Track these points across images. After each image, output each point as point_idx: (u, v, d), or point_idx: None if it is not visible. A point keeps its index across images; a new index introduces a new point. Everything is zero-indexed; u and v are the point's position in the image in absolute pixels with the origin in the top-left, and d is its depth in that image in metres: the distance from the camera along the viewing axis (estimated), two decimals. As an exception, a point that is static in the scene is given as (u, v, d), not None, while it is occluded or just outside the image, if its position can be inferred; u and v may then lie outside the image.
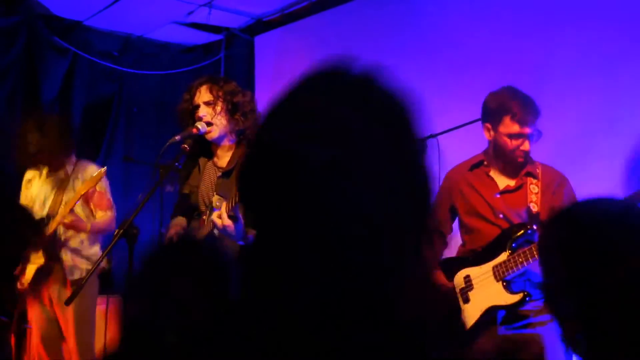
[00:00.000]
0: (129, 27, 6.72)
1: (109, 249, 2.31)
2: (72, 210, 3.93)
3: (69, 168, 4.23)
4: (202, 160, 3.14)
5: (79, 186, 4.07)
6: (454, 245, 3.53)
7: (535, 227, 2.96)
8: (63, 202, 4.07)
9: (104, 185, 4.20)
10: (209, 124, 2.93)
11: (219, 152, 3.06)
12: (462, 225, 3.29)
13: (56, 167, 4.19)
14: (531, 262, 2.87)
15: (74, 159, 4.29)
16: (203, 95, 3.00)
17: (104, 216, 4.20)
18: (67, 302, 2.78)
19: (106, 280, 4.75)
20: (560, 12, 4.34)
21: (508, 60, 4.57)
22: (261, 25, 6.71)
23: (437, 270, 3.19)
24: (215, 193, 2.92)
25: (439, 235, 3.35)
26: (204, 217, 2.96)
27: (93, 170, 4.20)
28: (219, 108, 2.94)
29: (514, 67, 4.51)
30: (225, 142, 3.03)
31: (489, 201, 3.12)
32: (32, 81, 6.13)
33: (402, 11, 5.36)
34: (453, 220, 3.40)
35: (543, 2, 4.44)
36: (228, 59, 6.98)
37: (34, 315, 4.06)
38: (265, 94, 6.66)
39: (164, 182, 2.93)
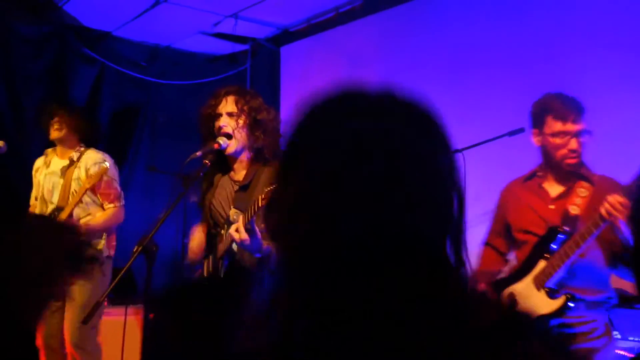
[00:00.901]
0: (156, 38, 6.81)
1: (128, 266, 2.31)
2: (71, 214, 3.95)
3: (75, 155, 4.21)
4: (217, 177, 3.12)
5: (84, 177, 4.07)
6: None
7: (567, 229, 2.85)
8: (71, 193, 4.07)
9: (110, 175, 4.17)
10: (228, 136, 2.91)
11: (236, 166, 3.03)
12: (514, 242, 3.16)
13: (68, 148, 4.22)
14: (567, 261, 2.77)
15: (82, 146, 4.29)
16: (228, 105, 2.97)
17: (108, 210, 4.18)
18: (85, 322, 2.77)
19: (124, 290, 4.77)
20: (578, 25, 4.30)
21: (532, 75, 4.53)
22: (287, 36, 6.74)
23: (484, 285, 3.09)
24: (232, 206, 2.92)
25: (496, 253, 3.23)
26: (222, 231, 2.95)
27: (97, 158, 4.18)
28: (241, 121, 2.92)
29: (539, 82, 4.47)
30: (243, 157, 2.99)
31: (541, 214, 3.01)
32: (62, 89, 6.24)
33: (428, 24, 5.35)
34: (510, 237, 3.24)
35: (565, 17, 4.39)
36: (254, 69, 7.02)
37: None
38: (291, 103, 6.69)
39: (188, 193, 2.93)
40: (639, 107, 3.96)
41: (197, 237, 3.14)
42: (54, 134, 4.23)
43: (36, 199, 4.31)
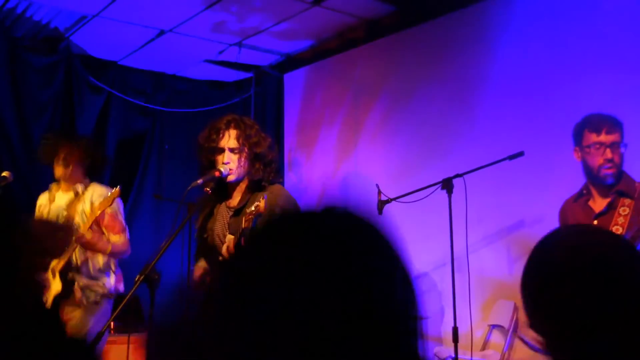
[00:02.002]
0: (161, 66, 6.90)
1: (130, 294, 2.34)
2: (91, 228, 3.92)
3: (81, 188, 4.21)
4: (215, 205, 3.19)
5: (90, 207, 4.06)
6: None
7: None
8: (76, 223, 4.06)
9: (115, 208, 4.17)
10: (224, 165, 3.01)
11: (235, 193, 3.15)
12: None
13: (73, 181, 4.20)
14: None
15: (87, 180, 4.27)
16: (231, 140, 3.06)
17: (118, 240, 4.17)
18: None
19: (128, 318, 4.78)
20: (589, 52, 4.34)
21: (537, 99, 4.56)
22: (290, 62, 6.82)
23: None
24: (228, 232, 2.99)
25: None
26: (220, 258, 3.00)
27: (102, 191, 4.17)
28: (243, 158, 3.03)
29: (544, 106, 4.50)
30: (241, 184, 3.11)
31: None
32: (69, 117, 6.31)
33: (431, 50, 5.40)
34: None
35: (577, 42, 4.43)
36: (258, 96, 7.09)
37: None
38: (295, 129, 6.75)
39: (192, 219, 2.97)
40: None
41: (200, 266, 3.19)
42: (60, 171, 4.21)
43: None
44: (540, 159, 4.23)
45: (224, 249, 2.73)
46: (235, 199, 3.11)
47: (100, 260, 4.15)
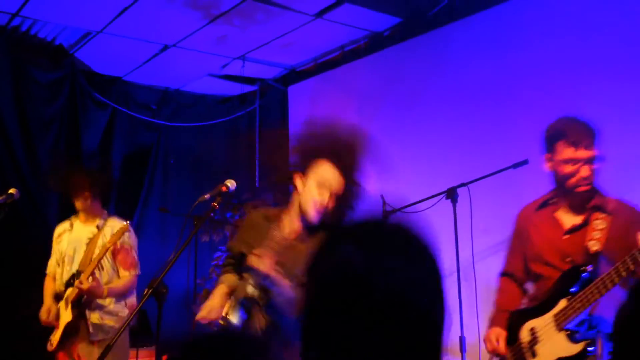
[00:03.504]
0: (166, 81, 6.95)
1: (138, 309, 2.34)
2: (93, 274, 3.89)
3: (100, 222, 4.25)
4: (268, 221, 2.87)
5: (106, 243, 4.06)
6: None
7: (590, 268, 2.71)
8: (92, 258, 4.05)
9: (130, 242, 4.21)
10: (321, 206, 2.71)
11: (291, 219, 2.82)
12: (529, 273, 3.05)
13: (92, 216, 4.25)
14: (589, 307, 2.66)
15: (105, 214, 4.33)
16: (336, 183, 2.74)
17: (124, 277, 4.17)
18: None
19: (137, 332, 4.76)
20: (589, 63, 4.35)
21: (538, 109, 4.57)
22: (294, 75, 6.85)
23: (500, 327, 2.98)
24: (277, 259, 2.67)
25: (515, 281, 3.13)
26: (246, 276, 2.79)
27: (121, 225, 4.15)
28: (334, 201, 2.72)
29: (544, 117, 4.50)
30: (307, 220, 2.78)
31: (555, 244, 2.88)
32: (74, 132, 6.36)
33: (433, 60, 5.43)
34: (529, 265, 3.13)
35: (574, 51, 4.45)
36: (263, 109, 7.12)
37: None
38: (299, 142, 6.76)
39: (198, 233, 2.95)
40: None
41: (218, 295, 2.85)
42: (81, 204, 4.26)
43: (58, 264, 4.29)
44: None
45: (253, 261, 2.55)
46: (290, 227, 2.80)
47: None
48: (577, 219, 2.87)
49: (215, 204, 2.82)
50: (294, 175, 2.80)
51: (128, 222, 4.08)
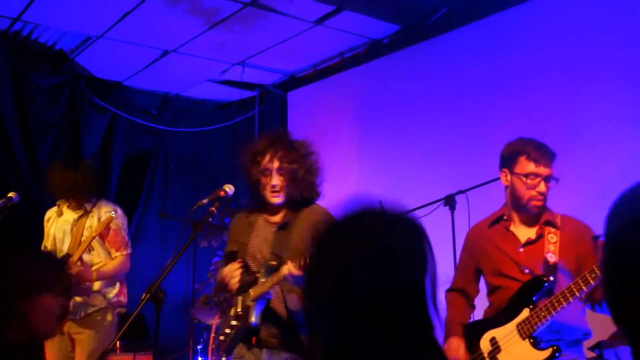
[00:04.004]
0: (166, 86, 6.97)
1: (136, 313, 2.35)
2: (81, 258, 3.96)
3: (88, 206, 4.26)
4: (252, 217, 3.15)
5: (96, 225, 4.13)
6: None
7: (552, 278, 2.88)
8: (82, 241, 4.12)
9: (119, 223, 4.23)
10: (273, 188, 2.99)
11: (272, 209, 3.09)
12: (488, 286, 3.18)
13: (79, 204, 4.27)
14: (554, 314, 2.81)
15: (94, 199, 4.33)
16: (276, 162, 3.02)
17: (116, 259, 4.20)
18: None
19: (135, 337, 4.77)
20: (586, 72, 4.37)
21: (538, 116, 4.59)
22: (294, 81, 6.88)
23: (458, 337, 3.08)
24: (271, 249, 2.95)
25: (464, 296, 3.27)
26: (258, 275, 2.95)
27: (109, 208, 4.26)
28: (285, 177, 3.00)
29: (544, 124, 4.53)
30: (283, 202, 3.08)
31: (513, 257, 3.03)
32: (75, 136, 6.38)
33: (432, 67, 5.45)
34: (479, 281, 3.28)
35: (570, 59, 4.47)
36: (262, 115, 7.14)
37: (52, 348, 4.08)
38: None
39: (197, 238, 2.98)
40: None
41: (232, 267, 3.08)
42: (69, 202, 4.31)
43: (45, 247, 4.36)
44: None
45: (286, 268, 2.71)
46: (277, 215, 3.09)
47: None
48: (531, 233, 3.04)
49: (213, 209, 2.86)
50: (252, 174, 3.09)
51: (113, 212, 4.10)
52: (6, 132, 5.89)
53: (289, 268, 2.69)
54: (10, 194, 4.26)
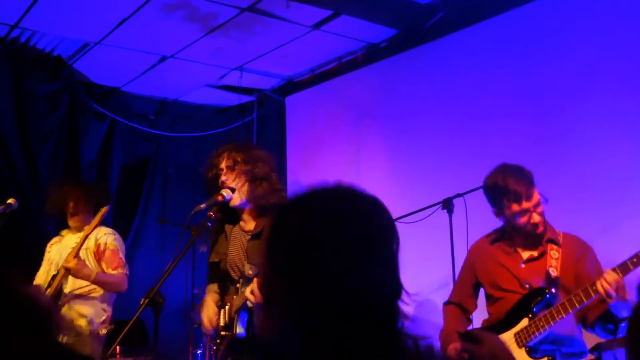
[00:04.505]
0: (164, 92, 6.98)
1: (135, 318, 2.36)
2: (77, 255, 3.95)
3: (88, 228, 4.18)
4: (227, 227, 3.21)
5: (94, 244, 4.18)
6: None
7: (553, 290, 2.96)
8: (78, 253, 4.06)
9: (116, 244, 4.26)
10: (232, 189, 3.04)
11: (245, 217, 3.17)
12: (488, 298, 3.25)
13: (81, 225, 4.29)
14: (552, 325, 2.84)
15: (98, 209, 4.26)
16: (225, 160, 3.15)
17: (114, 273, 4.20)
18: None
19: (135, 342, 4.76)
20: (581, 76, 4.38)
21: (535, 120, 4.60)
22: (292, 86, 6.89)
23: (456, 343, 3.09)
24: (246, 259, 3.00)
25: (461, 310, 3.33)
26: (238, 285, 2.99)
27: (107, 231, 4.30)
28: (242, 179, 3.08)
29: (541, 128, 4.54)
30: (249, 207, 3.14)
31: (514, 273, 3.10)
32: (73, 143, 6.38)
33: (430, 71, 5.46)
34: (477, 296, 3.35)
35: (568, 63, 4.49)
36: (260, 119, 7.15)
37: None
38: (297, 151, 6.79)
39: (196, 243, 3.00)
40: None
41: (211, 305, 3.16)
42: (73, 222, 4.36)
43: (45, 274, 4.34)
44: (540, 177, 4.24)
45: (247, 292, 2.77)
46: (249, 223, 3.14)
47: (90, 301, 4.18)
48: (534, 252, 3.12)
49: (212, 214, 2.89)
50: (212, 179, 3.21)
51: (106, 207, 4.11)
52: (4, 138, 5.89)
53: (252, 287, 2.74)
54: (10, 201, 4.26)
